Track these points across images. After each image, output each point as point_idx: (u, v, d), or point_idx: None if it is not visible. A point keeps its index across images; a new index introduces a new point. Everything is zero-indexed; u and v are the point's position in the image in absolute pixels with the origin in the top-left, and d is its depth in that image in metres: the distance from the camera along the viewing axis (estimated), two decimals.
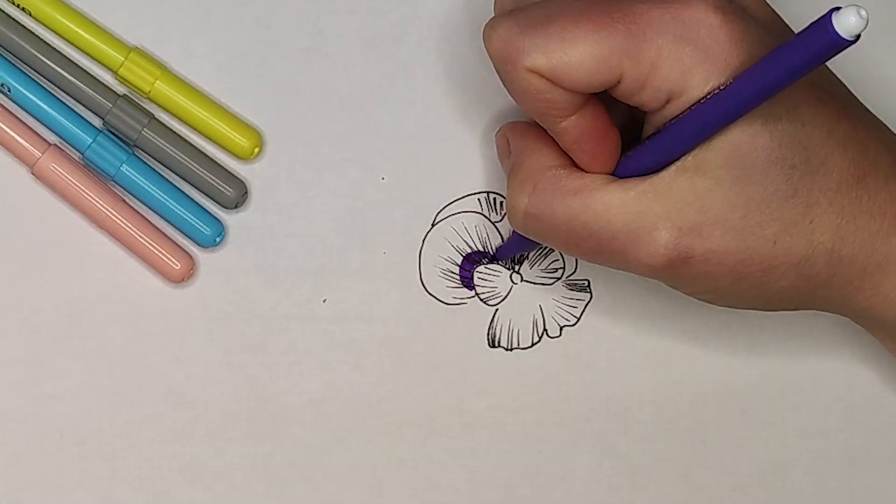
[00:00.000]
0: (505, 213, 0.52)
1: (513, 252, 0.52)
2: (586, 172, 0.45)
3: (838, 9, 0.37)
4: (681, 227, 0.44)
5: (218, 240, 0.51)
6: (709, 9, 0.43)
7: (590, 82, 0.43)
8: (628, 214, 0.44)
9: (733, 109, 0.42)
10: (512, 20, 0.43)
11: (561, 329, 0.53)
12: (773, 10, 0.46)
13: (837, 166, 0.44)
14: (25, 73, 0.50)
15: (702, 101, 0.42)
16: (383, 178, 0.52)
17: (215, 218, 0.51)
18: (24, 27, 0.51)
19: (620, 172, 0.45)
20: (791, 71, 0.39)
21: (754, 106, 0.41)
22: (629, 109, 0.46)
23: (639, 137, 0.46)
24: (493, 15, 0.47)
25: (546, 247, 0.52)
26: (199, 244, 0.51)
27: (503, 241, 0.52)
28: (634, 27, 0.42)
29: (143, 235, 0.50)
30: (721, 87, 0.42)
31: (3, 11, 0.50)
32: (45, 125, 0.51)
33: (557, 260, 0.53)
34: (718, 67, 0.42)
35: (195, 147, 0.51)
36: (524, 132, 0.48)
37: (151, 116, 0.51)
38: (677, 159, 0.44)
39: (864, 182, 0.44)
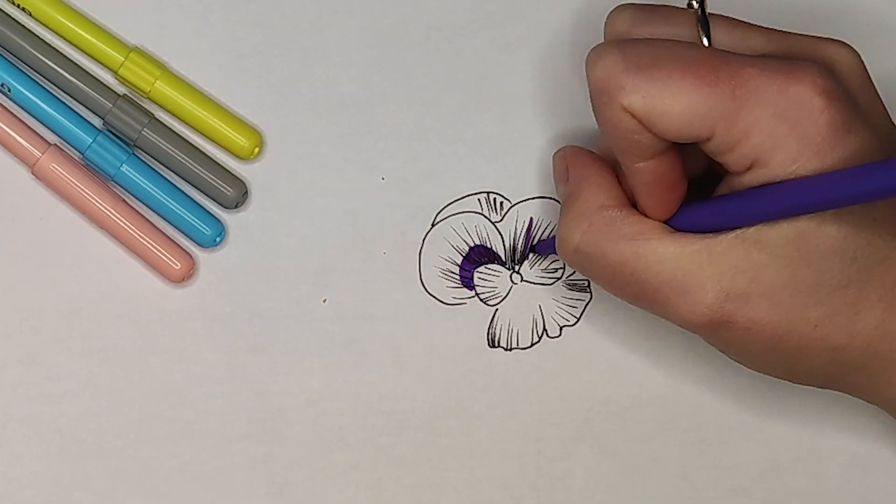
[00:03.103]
0: (505, 213, 0.52)
1: (552, 251, 0.52)
2: (643, 216, 0.45)
3: None
4: (728, 292, 0.44)
5: (218, 240, 0.51)
6: (816, 89, 0.42)
7: (680, 134, 0.43)
8: (679, 270, 0.44)
9: (815, 204, 0.41)
10: (619, 54, 0.43)
11: (561, 329, 0.53)
12: (882, 107, 0.45)
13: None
14: (25, 73, 0.50)
15: (784, 183, 0.42)
16: (383, 178, 0.52)
17: (215, 218, 0.51)
18: (24, 27, 0.51)
19: (678, 223, 0.45)
20: (888, 188, 0.38)
21: (838, 206, 0.41)
22: (706, 163, 0.46)
23: (704, 190, 0.46)
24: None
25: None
26: (199, 244, 0.51)
27: (503, 241, 0.52)
28: (739, 91, 0.42)
29: (143, 235, 0.50)
30: (806, 174, 0.42)
31: (3, 11, 0.50)
32: (45, 125, 0.51)
33: (557, 260, 0.53)
34: (809, 151, 0.42)
35: (195, 147, 0.51)
36: (585, 163, 0.48)
37: (151, 116, 0.51)
38: (738, 227, 0.43)
39: None
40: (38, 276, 0.51)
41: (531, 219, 0.52)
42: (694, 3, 0.45)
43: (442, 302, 0.52)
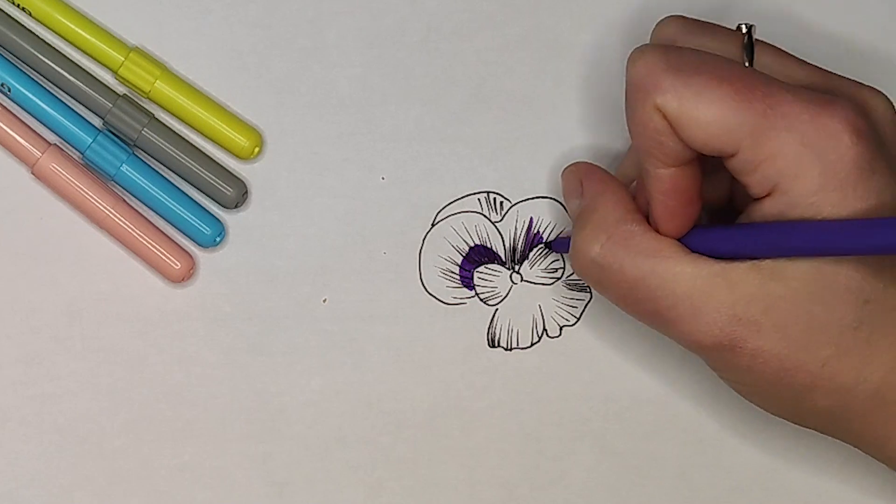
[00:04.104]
0: (505, 213, 0.52)
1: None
2: (659, 234, 0.45)
3: None
4: (741, 317, 0.44)
5: (218, 240, 0.51)
6: (847, 125, 0.42)
7: (706, 144, 0.43)
8: (695, 290, 0.44)
9: (830, 250, 0.41)
10: (662, 55, 0.43)
11: (561, 329, 0.53)
12: None
13: None
14: (25, 73, 0.50)
15: (802, 222, 0.42)
16: (383, 178, 0.52)
17: (215, 218, 0.51)
18: (24, 27, 0.50)
19: (695, 244, 0.45)
20: None
21: (852, 255, 0.42)
22: (728, 192, 0.46)
23: (724, 221, 0.46)
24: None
25: (547, 248, 0.53)
26: (199, 244, 0.51)
27: (503, 241, 0.52)
28: (770, 112, 0.42)
29: (143, 235, 0.50)
30: (826, 207, 0.42)
31: (3, 11, 0.50)
32: (45, 125, 0.51)
33: (557, 260, 0.53)
34: (832, 185, 0.42)
35: (195, 147, 0.51)
36: (602, 178, 0.48)
37: (151, 116, 0.51)
38: (755, 257, 0.44)
39: None
40: (38, 276, 0.51)
41: (531, 219, 0.52)
42: (743, 26, 0.46)
43: (442, 302, 0.52)
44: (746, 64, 0.46)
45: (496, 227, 0.52)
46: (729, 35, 0.47)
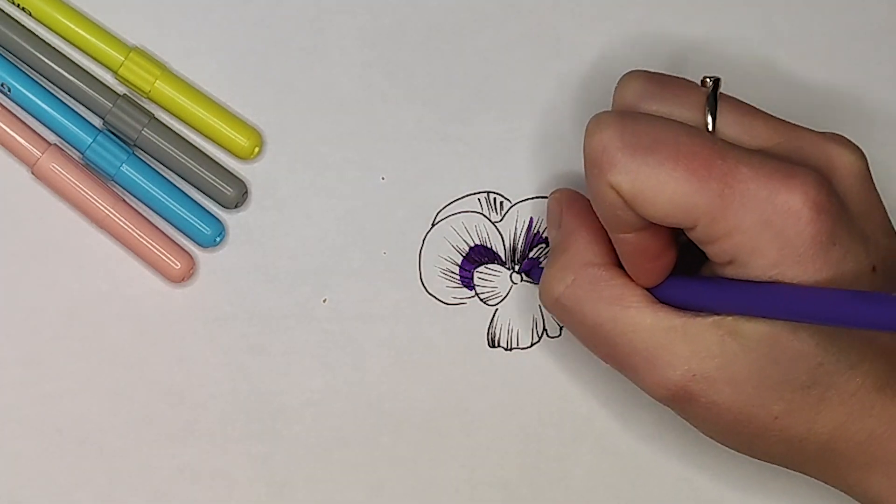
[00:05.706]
0: (505, 213, 0.52)
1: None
2: (628, 280, 0.46)
3: None
4: (696, 373, 0.44)
5: (218, 240, 0.51)
6: (806, 201, 0.42)
7: (663, 220, 0.43)
8: (652, 342, 0.45)
9: (789, 314, 0.42)
10: (618, 129, 0.43)
11: (561, 329, 0.53)
12: (881, 212, 0.45)
13: (863, 373, 0.44)
14: (25, 73, 0.50)
15: (764, 284, 0.42)
16: (383, 178, 0.52)
17: (215, 218, 0.51)
18: (24, 27, 0.51)
19: (659, 293, 0.45)
20: (862, 321, 0.38)
21: (810, 322, 0.42)
22: None
23: (696, 253, 0.46)
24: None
25: (547, 247, 0.53)
26: (199, 244, 0.51)
27: (503, 241, 0.52)
28: (728, 191, 0.42)
29: (143, 235, 0.50)
30: (785, 281, 0.42)
31: (3, 11, 0.50)
32: (45, 125, 0.51)
33: None
34: (790, 260, 0.42)
35: (195, 147, 0.51)
36: (580, 213, 0.48)
37: (151, 116, 0.51)
38: (717, 312, 0.44)
39: (884, 392, 0.44)
40: (38, 276, 0.51)
41: (531, 219, 0.52)
42: (708, 80, 0.45)
43: (442, 302, 0.52)
44: (709, 120, 0.45)
45: (496, 227, 0.52)
46: (692, 94, 0.45)
